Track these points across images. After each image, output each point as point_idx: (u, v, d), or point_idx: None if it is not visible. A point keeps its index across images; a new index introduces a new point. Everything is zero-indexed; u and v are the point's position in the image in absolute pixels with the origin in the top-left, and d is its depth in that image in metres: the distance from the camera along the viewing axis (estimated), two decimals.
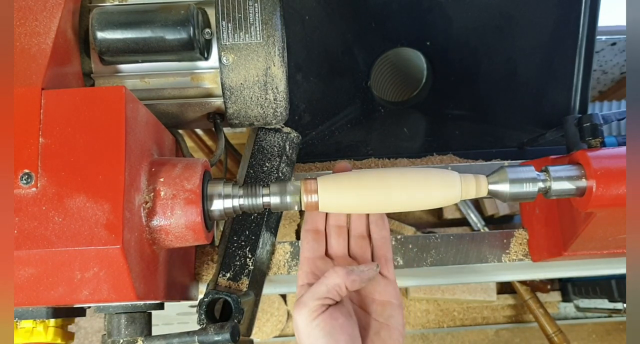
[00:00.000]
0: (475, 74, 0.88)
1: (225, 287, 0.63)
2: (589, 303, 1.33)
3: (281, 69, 0.58)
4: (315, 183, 0.52)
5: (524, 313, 1.38)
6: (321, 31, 0.83)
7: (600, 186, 0.51)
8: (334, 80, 0.87)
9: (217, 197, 0.51)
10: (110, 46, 0.55)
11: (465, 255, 0.72)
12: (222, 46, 0.57)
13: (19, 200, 0.43)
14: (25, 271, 0.43)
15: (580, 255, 0.64)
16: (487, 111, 0.90)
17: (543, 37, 0.86)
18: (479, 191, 0.52)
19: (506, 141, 0.90)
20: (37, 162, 0.44)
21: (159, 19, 0.55)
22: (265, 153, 0.67)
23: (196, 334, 0.50)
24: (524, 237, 0.72)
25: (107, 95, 0.46)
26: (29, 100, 0.46)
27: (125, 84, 0.58)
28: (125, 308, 0.52)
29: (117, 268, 0.43)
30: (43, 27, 0.51)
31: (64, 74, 0.52)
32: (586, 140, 0.65)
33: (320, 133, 0.87)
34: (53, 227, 0.43)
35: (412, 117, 0.90)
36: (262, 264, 0.67)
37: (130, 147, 0.46)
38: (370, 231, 0.60)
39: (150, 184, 0.48)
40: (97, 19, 0.55)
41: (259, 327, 1.33)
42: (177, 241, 0.49)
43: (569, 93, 0.88)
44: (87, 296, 0.44)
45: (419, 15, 0.85)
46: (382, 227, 0.60)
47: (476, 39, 0.86)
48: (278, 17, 0.58)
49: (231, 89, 0.58)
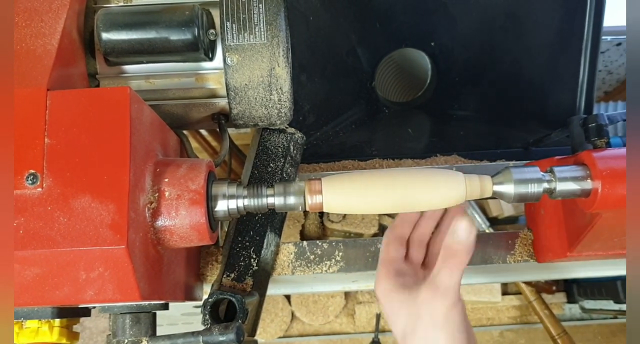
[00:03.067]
0: (480, 74, 0.88)
1: (229, 287, 0.63)
2: (595, 304, 1.33)
3: (285, 69, 0.58)
4: (320, 184, 0.52)
5: (529, 314, 1.37)
6: (325, 32, 0.83)
7: (606, 187, 0.50)
8: (339, 80, 0.86)
9: (221, 198, 0.51)
10: (115, 47, 0.55)
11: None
12: (226, 47, 0.57)
13: (24, 200, 0.44)
14: (31, 271, 0.43)
15: (585, 256, 0.64)
16: (491, 111, 0.90)
17: (548, 38, 0.85)
18: (484, 192, 0.52)
19: (511, 142, 0.89)
20: (42, 162, 0.44)
21: (163, 19, 0.55)
22: (269, 154, 0.67)
23: (201, 335, 0.50)
24: (529, 238, 0.72)
25: (112, 96, 0.46)
26: (34, 101, 0.46)
27: (130, 84, 0.59)
28: (130, 308, 0.52)
29: (122, 268, 0.43)
30: (48, 28, 0.51)
31: (69, 75, 0.53)
32: (591, 140, 0.65)
33: (324, 134, 0.87)
34: (58, 227, 0.43)
35: (416, 118, 0.90)
36: (267, 264, 0.67)
37: (135, 147, 0.46)
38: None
39: (154, 184, 0.48)
40: (102, 20, 0.55)
41: (263, 327, 1.33)
42: (182, 242, 0.49)
43: (574, 93, 0.87)
44: (92, 296, 0.44)
45: (424, 15, 0.84)
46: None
47: (481, 40, 0.86)
48: (282, 17, 0.58)
49: (235, 89, 0.58)
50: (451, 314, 0.52)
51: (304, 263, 0.70)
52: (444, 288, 0.51)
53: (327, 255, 0.71)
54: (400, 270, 0.57)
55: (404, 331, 0.53)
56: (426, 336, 0.52)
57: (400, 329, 0.54)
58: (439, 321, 0.51)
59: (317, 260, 0.70)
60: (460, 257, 0.51)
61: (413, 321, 0.52)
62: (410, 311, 0.53)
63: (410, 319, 0.53)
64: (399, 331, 0.54)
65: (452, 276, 0.51)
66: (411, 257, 0.60)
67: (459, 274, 0.52)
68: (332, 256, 0.70)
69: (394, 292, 0.55)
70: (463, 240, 0.51)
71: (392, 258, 0.58)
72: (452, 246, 0.51)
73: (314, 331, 1.38)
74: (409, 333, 0.53)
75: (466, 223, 0.51)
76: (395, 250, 0.58)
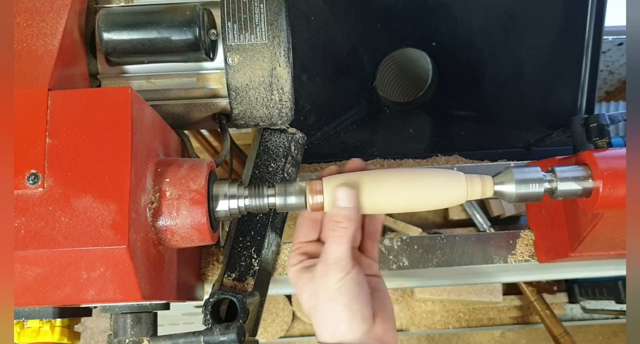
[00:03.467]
0: (481, 74, 0.88)
1: (230, 287, 0.63)
2: (596, 304, 1.32)
3: (286, 69, 0.58)
4: (321, 184, 0.52)
5: (530, 314, 1.37)
6: (327, 32, 0.83)
7: (607, 187, 0.50)
8: (340, 80, 0.87)
9: (222, 198, 0.51)
10: (116, 47, 0.55)
11: (471, 256, 0.72)
12: (227, 47, 0.57)
13: (25, 200, 0.44)
14: (32, 271, 0.43)
15: (587, 256, 0.64)
16: (493, 111, 0.90)
17: (549, 38, 0.85)
18: (485, 192, 0.52)
19: (512, 142, 0.89)
20: (43, 162, 0.44)
21: (164, 19, 0.55)
22: (270, 154, 0.67)
23: (202, 335, 0.50)
24: (530, 238, 0.72)
25: (113, 96, 0.46)
26: (35, 101, 0.46)
27: (131, 84, 0.59)
28: (131, 308, 0.52)
29: (123, 268, 0.43)
30: (50, 29, 0.51)
31: (70, 75, 0.53)
32: (593, 140, 0.65)
33: (325, 134, 0.87)
34: (60, 227, 0.43)
35: (417, 118, 0.90)
36: (268, 264, 0.67)
37: (136, 147, 0.46)
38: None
39: (156, 184, 0.49)
40: (104, 20, 0.55)
41: (264, 327, 1.33)
42: (183, 242, 0.49)
43: (575, 93, 0.87)
44: (93, 296, 0.44)
45: (425, 15, 0.84)
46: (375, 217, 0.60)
47: (482, 40, 0.86)
48: (283, 17, 0.58)
49: (237, 89, 0.58)
50: (344, 284, 0.51)
51: None
52: (332, 260, 0.51)
53: None
54: (309, 252, 0.57)
55: (308, 309, 0.54)
56: (324, 310, 0.52)
57: (306, 308, 0.55)
58: (332, 294, 0.51)
59: None
60: (343, 225, 0.51)
61: (313, 298, 0.53)
62: (310, 289, 0.53)
63: (311, 297, 0.53)
64: (306, 310, 0.55)
65: (339, 246, 0.51)
66: (323, 238, 0.60)
67: (346, 244, 0.51)
68: None
69: (299, 273, 0.55)
70: (343, 207, 0.51)
71: (302, 240, 0.58)
72: (334, 215, 0.51)
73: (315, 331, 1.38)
74: (312, 309, 0.53)
75: (345, 191, 0.51)
76: (306, 233, 0.58)
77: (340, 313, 0.51)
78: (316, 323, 0.53)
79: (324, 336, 0.52)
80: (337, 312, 0.51)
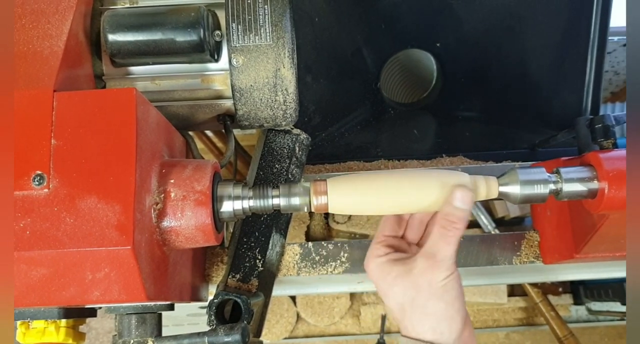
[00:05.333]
0: (486, 75, 0.87)
1: (234, 288, 0.63)
2: (601, 305, 1.32)
3: (291, 70, 0.58)
4: (325, 184, 0.52)
5: (535, 315, 1.36)
6: (331, 33, 0.83)
7: (612, 188, 0.50)
8: (344, 81, 0.87)
9: (227, 199, 0.51)
10: (121, 48, 0.55)
11: (476, 257, 0.72)
12: (232, 48, 0.57)
13: (31, 201, 0.44)
14: (37, 272, 0.44)
15: (592, 257, 0.63)
16: (497, 112, 0.89)
17: (554, 38, 0.85)
18: (490, 193, 0.52)
19: (517, 143, 0.89)
20: (49, 163, 0.44)
21: (169, 21, 0.55)
22: (274, 155, 0.67)
23: (206, 335, 0.50)
24: (535, 240, 0.72)
25: (118, 97, 0.46)
26: (41, 102, 0.46)
27: (136, 86, 0.59)
28: (136, 308, 0.52)
29: (128, 268, 0.44)
30: (55, 30, 0.51)
31: (75, 76, 0.53)
32: (598, 141, 0.64)
33: (329, 135, 0.87)
34: (65, 228, 0.43)
35: (422, 119, 0.90)
36: (272, 265, 0.67)
37: (141, 148, 0.46)
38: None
39: (160, 185, 0.49)
40: (109, 21, 0.55)
41: (268, 328, 1.33)
42: (187, 242, 0.49)
43: (580, 94, 0.87)
44: (98, 296, 0.44)
45: (429, 16, 0.84)
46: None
47: (486, 40, 0.85)
48: (288, 18, 0.58)
49: (241, 90, 0.58)
50: (449, 283, 0.52)
51: (310, 263, 0.70)
52: (441, 257, 0.52)
53: (333, 256, 0.70)
54: (394, 245, 0.57)
55: (401, 302, 0.53)
56: (425, 305, 0.52)
57: (397, 301, 0.54)
58: (437, 290, 0.52)
59: (323, 261, 0.70)
60: (457, 226, 0.51)
61: (411, 292, 0.53)
62: (406, 282, 0.53)
63: (408, 290, 0.53)
64: (395, 303, 0.54)
65: (450, 245, 0.52)
66: (407, 236, 0.60)
67: (456, 243, 0.52)
68: (337, 257, 0.70)
69: (388, 265, 0.55)
70: (460, 208, 0.51)
71: (388, 233, 0.58)
72: (449, 214, 0.51)
73: (319, 332, 1.38)
74: (407, 303, 0.53)
75: (463, 192, 0.51)
76: (393, 227, 0.58)
77: (444, 310, 0.52)
78: (412, 318, 0.53)
79: (422, 331, 0.52)
80: (441, 309, 0.52)
